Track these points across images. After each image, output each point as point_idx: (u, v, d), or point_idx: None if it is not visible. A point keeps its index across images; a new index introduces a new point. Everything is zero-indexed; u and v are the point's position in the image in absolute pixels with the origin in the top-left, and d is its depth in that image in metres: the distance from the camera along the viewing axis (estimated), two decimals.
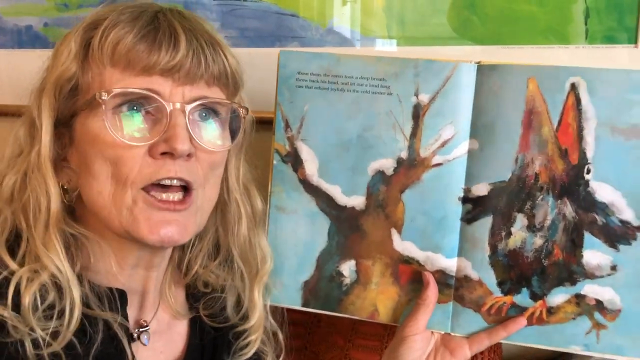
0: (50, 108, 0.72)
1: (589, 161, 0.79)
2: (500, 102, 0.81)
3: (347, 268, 0.87)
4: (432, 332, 0.85)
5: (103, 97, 0.69)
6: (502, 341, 0.84)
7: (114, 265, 0.75)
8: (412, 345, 0.83)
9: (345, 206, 0.86)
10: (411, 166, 0.84)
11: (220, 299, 0.85)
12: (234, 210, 0.83)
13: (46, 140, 0.71)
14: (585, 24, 0.98)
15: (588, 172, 0.79)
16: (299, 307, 0.89)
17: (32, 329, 0.66)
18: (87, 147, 0.71)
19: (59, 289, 0.68)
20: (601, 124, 0.78)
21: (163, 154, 0.70)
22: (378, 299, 0.86)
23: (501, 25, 1.01)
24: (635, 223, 0.78)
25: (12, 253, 0.70)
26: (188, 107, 0.71)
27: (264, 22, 1.11)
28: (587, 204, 0.79)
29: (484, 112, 0.82)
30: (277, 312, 0.89)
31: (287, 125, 0.87)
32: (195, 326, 0.84)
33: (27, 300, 0.66)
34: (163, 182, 0.70)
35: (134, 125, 0.71)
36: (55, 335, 0.67)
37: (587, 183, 0.79)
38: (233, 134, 0.79)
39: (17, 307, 0.66)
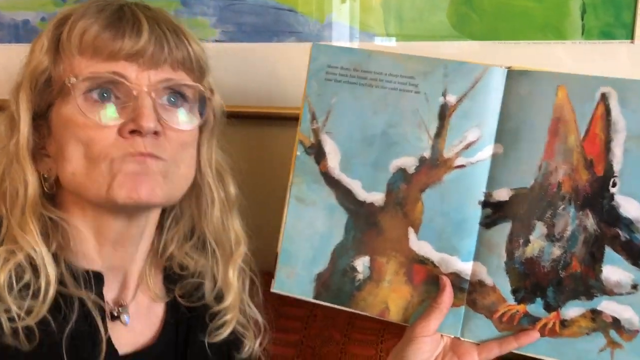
0: (28, 101, 0.76)
1: (615, 174, 0.77)
2: (528, 108, 0.80)
3: (361, 264, 0.87)
4: (442, 336, 0.84)
5: (72, 82, 0.74)
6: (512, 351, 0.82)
7: (93, 246, 0.80)
8: (420, 346, 0.82)
9: (364, 202, 0.86)
10: (433, 166, 0.83)
11: (197, 283, 0.88)
12: (206, 194, 0.86)
13: (24, 132, 0.76)
14: (582, 20, 0.98)
15: (614, 185, 0.77)
16: (310, 299, 0.89)
17: (7, 306, 0.69)
18: (62, 132, 0.76)
19: (34, 268, 0.73)
20: (631, 137, 0.76)
21: (132, 132, 0.73)
22: (390, 297, 0.86)
23: (498, 21, 1.01)
24: None
25: None
26: (153, 89, 0.75)
27: (261, 17, 1.12)
28: (611, 218, 0.77)
29: (511, 117, 0.81)
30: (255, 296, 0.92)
31: (313, 118, 0.88)
32: (172, 308, 0.87)
33: (1, 278, 0.70)
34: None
35: (103, 108, 0.75)
36: (29, 311, 0.70)
37: (612, 196, 0.77)
38: (201, 116, 0.82)
39: None
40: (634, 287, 0.77)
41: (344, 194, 0.87)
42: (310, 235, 0.88)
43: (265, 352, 0.92)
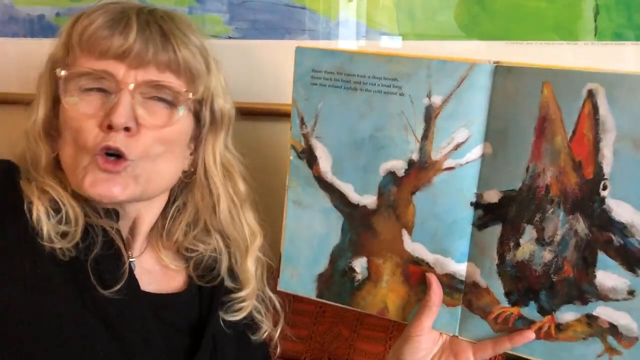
0: (47, 85, 0.85)
1: (605, 177, 0.72)
2: (515, 107, 0.76)
3: (359, 265, 0.88)
4: (440, 334, 0.85)
5: (62, 74, 0.82)
6: (508, 352, 0.81)
7: None
8: (416, 345, 0.84)
9: (358, 204, 0.86)
10: (422, 168, 0.82)
11: (210, 263, 0.93)
12: (212, 190, 0.90)
13: (40, 113, 0.85)
14: (595, 21, 0.96)
15: (604, 188, 0.72)
16: (313, 297, 0.92)
17: (47, 232, 0.77)
18: (61, 118, 0.84)
19: (63, 204, 0.81)
20: (621, 137, 0.70)
21: (108, 127, 0.79)
22: (388, 296, 0.87)
23: (510, 21, 0.99)
24: None
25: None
26: (137, 87, 0.81)
27: (274, 15, 1.13)
28: (603, 222, 0.73)
29: (499, 116, 0.77)
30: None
31: (303, 122, 0.88)
32: (192, 281, 0.93)
33: (41, 209, 0.79)
34: (107, 152, 0.80)
35: (89, 101, 0.81)
36: (64, 234, 0.79)
37: (602, 200, 0.72)
38: (199, 120, 0.88)
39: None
40: (631, 293, 0.73)
41: (338, 197, 0.88)
42: (309, 237, 0.90)
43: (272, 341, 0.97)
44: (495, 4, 0.99)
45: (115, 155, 0.80)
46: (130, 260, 0.86)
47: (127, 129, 0.80)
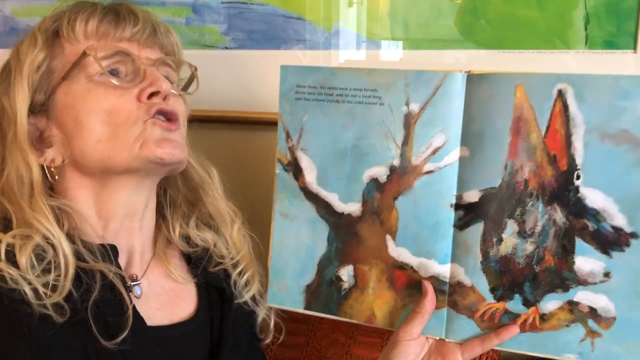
0: (25, 97, 0.81)
1: (578, 167, 0.78)
2: (490, 110, 0.82)
3: (346, 273, 0.90)
4: (426, 338, 0.87)
5: (92, 53, 0.81)
6: (495, 348, 0.84)
7: (98, 225, 0.84)
8: (405, 350, 0.85)
9: (343, 213, 0.89)
10: (403, 174, 0.86)
11: (211, 257, 0.95)
12: (194, 176, 0.95)
13: (22, 123, 0.81)
14: (585, 30, 0.99)
15: (578, 177, 0.78)
16: (301, 310, 0.92)
17: (30, 283, 0.72)
18: (77, 107, 0.81)
19: (52, 247, 0.76)
20: (590, 130, 0.77)
21: (150, 96, 0.82)
22: (375, 303, 0.89)
23: (503, 30, 1.02)
24: (627, 229, 0.77)
25: (6, 230, 0.77)
26: (153, 63, 0.85)
27: (270, 25, 1.17)
28: (578, 209, 0.79)
29: (474, 120, 0.83)
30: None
31: (288, 136, 0.91)
32: (202, 288, 0.93)
33: (23, 260, 0.73)
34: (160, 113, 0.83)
35: (119, 79, 0.83)
36: (54, 288, 0.74)
37: (577, 189, 0.78)
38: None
39: (15, 266, 0.74)
40: (606, 274, 0.78)
41: (323, 207, 0.90)
42: (296, 248, 0.92)
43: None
44: (489, 14, 1.03)
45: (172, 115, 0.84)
46: (135, 283, 0.85)
47: (164, 98, 0.84)
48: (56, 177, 0.83)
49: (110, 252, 0.82)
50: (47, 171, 0.83)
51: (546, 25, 1.01)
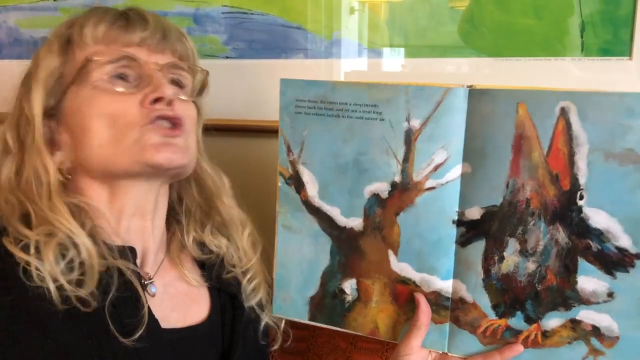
0: (40, 100, 0.84)
1: (581, 187, 0.76)
2: (491, 127, 0.80)
3: (349, 286, 0.90)
4: (429, 351, 0.87)
5: (95, 58, 0.83)
6: None
7: (112, 224, 0.86)
8: None
9: (345, 227, 0.89)
10: (405, 190, 0.85)
11: (223, 263, 0.96)
12: (208, 180, 0.96)
13: (39, 127, 0.83)
14: (581, 37, 0.99)
15: (581, 197, 0.77)
16: (306, 321, 0.93)
17: (56, 280, 0.74)
18: (83, 112, 0.83)
19: (75, 245, 0.78)
20: (594, 150, 0.75)
21: (152, 103, 0.82)
22: (378, 316, 0.89)
23: (499, 38, 1.02)
24: (632, 250, 0.75)
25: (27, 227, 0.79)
26: (160, 69, 0.86)
27: (270, 35, 1.17)
28: (581, 230, 0.77)
29: (476, 136, 0.81)
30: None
31: (289, 150, 0.91)
32: (214, 292, 0.95)
33: (51, 256, 0.75)
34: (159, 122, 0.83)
35: (124, 84, 0.84)
36: (79, 283, 0.76)
37: (580, 209, 0.77)
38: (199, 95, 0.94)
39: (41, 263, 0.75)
40: (610, 295, 0.77)
41: (326, 221, 0.90)
42: (299, 261, 0.92)
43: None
44: (485, 22, 1.03)
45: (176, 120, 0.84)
46: (147, 282, 0.87)
47: (169, 104, 0.84)
48: (69, 177, 0.86)
49: (128, 253, 0.85)
50: (59, 173, 0.85)
51: (543, 33, 1.02)
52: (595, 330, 0.78)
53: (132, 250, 0.86)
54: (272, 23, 1.16)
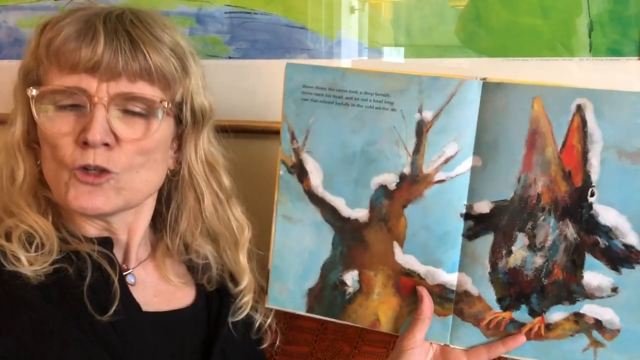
0: (23, 97, 0.83)
1: (593, 184, 0.77)
2: (505, 121, 0.80)
3: (350, 278, 0.89)
4: (430, 343, 0.87)
5: (33, 93, 0.81)
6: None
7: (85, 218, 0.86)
8: (409, 358, 0.85)
9: (349, 218, 0.87)
10: (414, 182, 0.84)
11: (210, 267, 0.94)
12: (197, 187, 0.91)
13: (19, 124, 0.84)
14: (589, 37, 0.99)
15: (592, 195, 0.78)
16: (303, 313, 0.91)
17: (22, 264, 0.76)
18: (39, 132, 0.83)
19: (36, 231, 0.80)
20: (607, 147, 0.76)
21: (85, 143, 0.79)
22: (380, 308, 0.88)
23: (506, 37, 1.02)
24: (639, 247, 0.77)
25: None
26: (111, 101, 0.80)
27: (273, 35, 1.14)
28: (590, 226, 0.78)
29: (488, 130, 0.81)
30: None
31: (293, 137, 0.88)
32: (201, 293, 0.94)
33: (15, 240, 0.78)
34: (86, 167, 0.80)
35: (63, 117, 0.80)
36: (43, 261, 0.78)
37: (590, 206, 0.78)
38: (178, 119, 0.87)
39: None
40: (614, 290, 0.79)
41: (329, 211, 0.88)
42: (299, 251, 0.90)
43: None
44: (492, 22, 1.02)
45: (99, 169, 0.80)
46: (126, 273, 0.86)
47: (105, 145, 0.79)
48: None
49: (105, 241, 0.85)
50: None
51: (550, 33, 1.01)
52: (598, 323, 0.80)
53: (108, 239, 0.86)
54: (275, 23, 1.14)
